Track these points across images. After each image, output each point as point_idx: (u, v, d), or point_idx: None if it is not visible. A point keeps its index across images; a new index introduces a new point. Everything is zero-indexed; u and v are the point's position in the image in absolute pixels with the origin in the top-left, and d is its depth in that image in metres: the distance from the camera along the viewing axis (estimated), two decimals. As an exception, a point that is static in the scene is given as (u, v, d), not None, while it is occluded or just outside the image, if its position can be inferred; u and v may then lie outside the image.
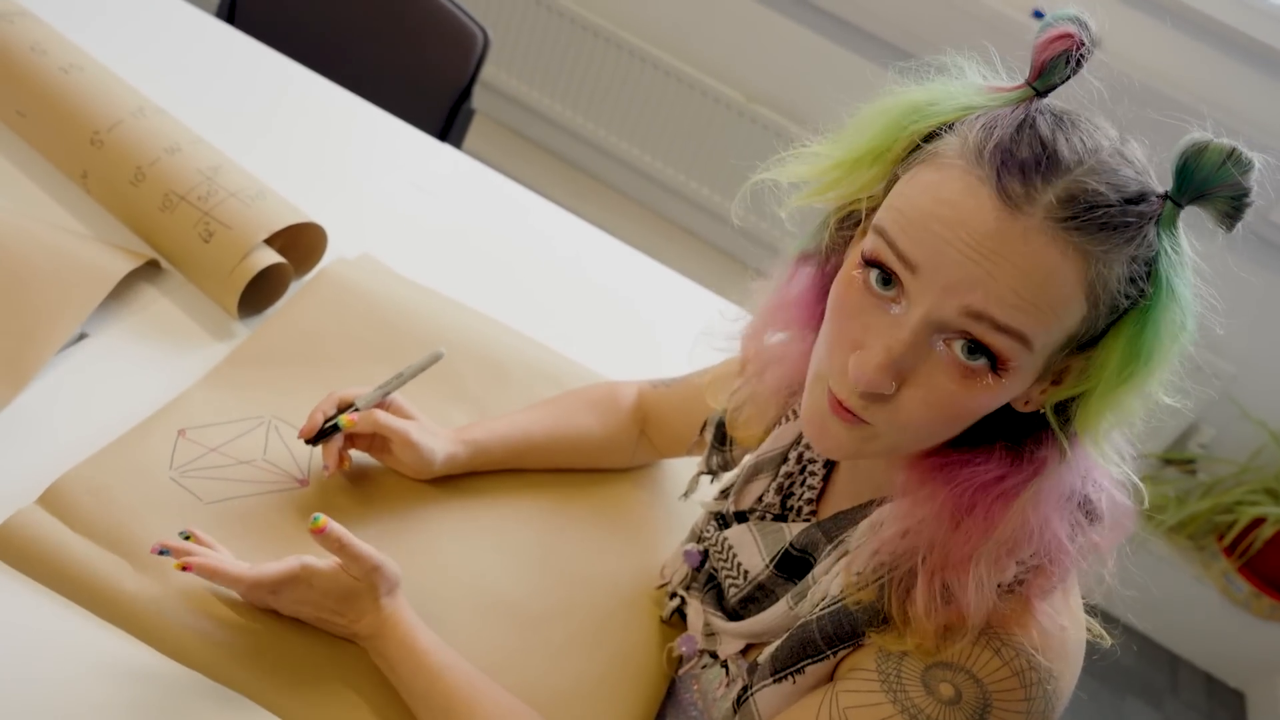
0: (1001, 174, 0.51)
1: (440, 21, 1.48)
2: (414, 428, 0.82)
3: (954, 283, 0.52)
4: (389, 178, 1.21)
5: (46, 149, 1.03)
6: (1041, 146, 0.51)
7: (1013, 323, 0.51)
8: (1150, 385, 0.54)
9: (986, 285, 0.51)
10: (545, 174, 2.51)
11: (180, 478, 0.79)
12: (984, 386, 0.53)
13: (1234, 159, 0.50)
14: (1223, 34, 1.78)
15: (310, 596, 0.70)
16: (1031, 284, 0.51)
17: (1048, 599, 0.58)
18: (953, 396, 0.54)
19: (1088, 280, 0.51)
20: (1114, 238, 0.51)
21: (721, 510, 0.79)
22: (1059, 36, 0.53)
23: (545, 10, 2.32)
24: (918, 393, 0.54)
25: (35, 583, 0.70)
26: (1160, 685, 2.09)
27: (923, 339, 0.54)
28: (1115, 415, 0.55)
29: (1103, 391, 0.54)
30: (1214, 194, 0.51)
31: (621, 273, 1.23)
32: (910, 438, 0.57)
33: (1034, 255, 0.50)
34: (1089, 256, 0.51)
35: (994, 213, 0.51)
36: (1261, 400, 1.96)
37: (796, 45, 2.15)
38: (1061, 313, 0.52)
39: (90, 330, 0.88)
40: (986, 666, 0.57)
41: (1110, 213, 0.51)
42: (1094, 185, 0.51)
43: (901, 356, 0.53)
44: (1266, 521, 1.93)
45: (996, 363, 0.53)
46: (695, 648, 0.77)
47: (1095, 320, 0.53)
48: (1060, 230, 0.50)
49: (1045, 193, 0.51)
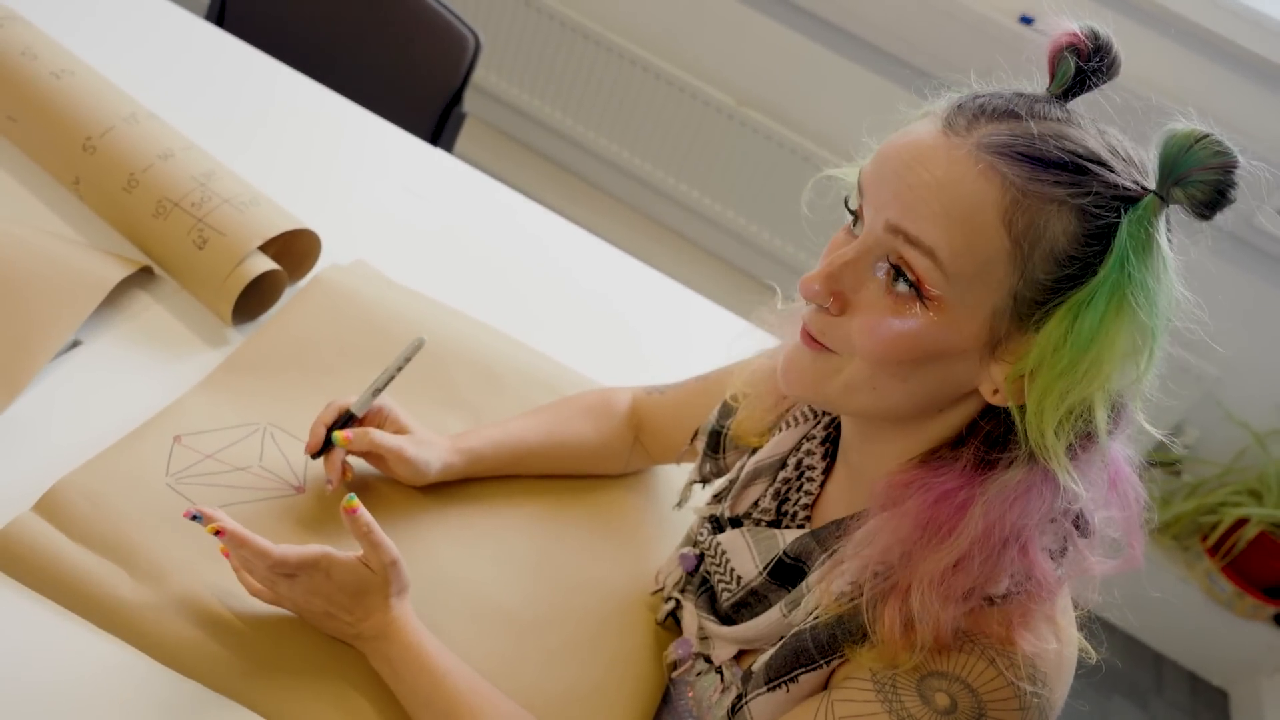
0: (954, 111, 0.56)
1: (431, 25, 1.48)
2: (408, 443, 0.83)
3: (883, 199, 0.56)
4: (381, 182, 1.21)
5: (38, 155, 1.02)
6: (1007, 103, 0.55)
7: (922, 236, 0.54)
8: (1101, 379, 0.54)
9: (904, 197, 0.55)
10: (537, 177, 2.51)
11: (176, 484, 0.79)
12: (914, 316, 0.56)
13: (1205, 142, 0.51)
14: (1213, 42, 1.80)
15: (325, 587, 0.70)
16: (944, 196, 0.53)
17: (1041, 610, 0.59)
18: (887, 323, 0.56)
19: (1004, 208, 0.53)
20: (1040, 174, 0.53)
21: (716, 514, 0.79)
22: (1061, 34, 0.57)
23: (537, 13, 2.32)
24: (860, 319, 0.57)
25: (31, 591, 0.70)
26: (1145, 685, 2.11)
27: (863, 260, 0.57)
28: (1060, 402, 0.54)
29: (1043, 370, 0.54)
30: (1189, 178, 0.52)
31: (613, 277, 1.24)
32: (864, 374, 0.58)
33: (952, 169, 0.54)
34: (1007, 183, 0.53)
35: (934, 136, 0.55)
36: (1244, 402, 1.98)
37: (787, 50, 2.15)
38: (974, 235, 0.53)
39: (84, 337, 0.88)
40: (981, 676, 0.57)
41: (1039, 149, 0.53)
42: (1034, 129, 0.54)
43: (840, 270, 0.58)
44: (1249, 522, 1.95)
45: (920, 290, 0.55)
46: (690, 651, 0.78)
47: (1027, 268, 0.53)
48: (983, 153, 0.53)
49: (985, 128, 0.54)
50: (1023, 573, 0.58)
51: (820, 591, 0.65)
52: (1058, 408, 0.54)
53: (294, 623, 0.73)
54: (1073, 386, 0.54)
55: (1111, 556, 0.61)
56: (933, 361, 0.57)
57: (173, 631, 0.70)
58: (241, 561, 0.71)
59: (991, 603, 0.59)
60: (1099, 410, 0.55)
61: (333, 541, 0.77)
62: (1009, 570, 0.58)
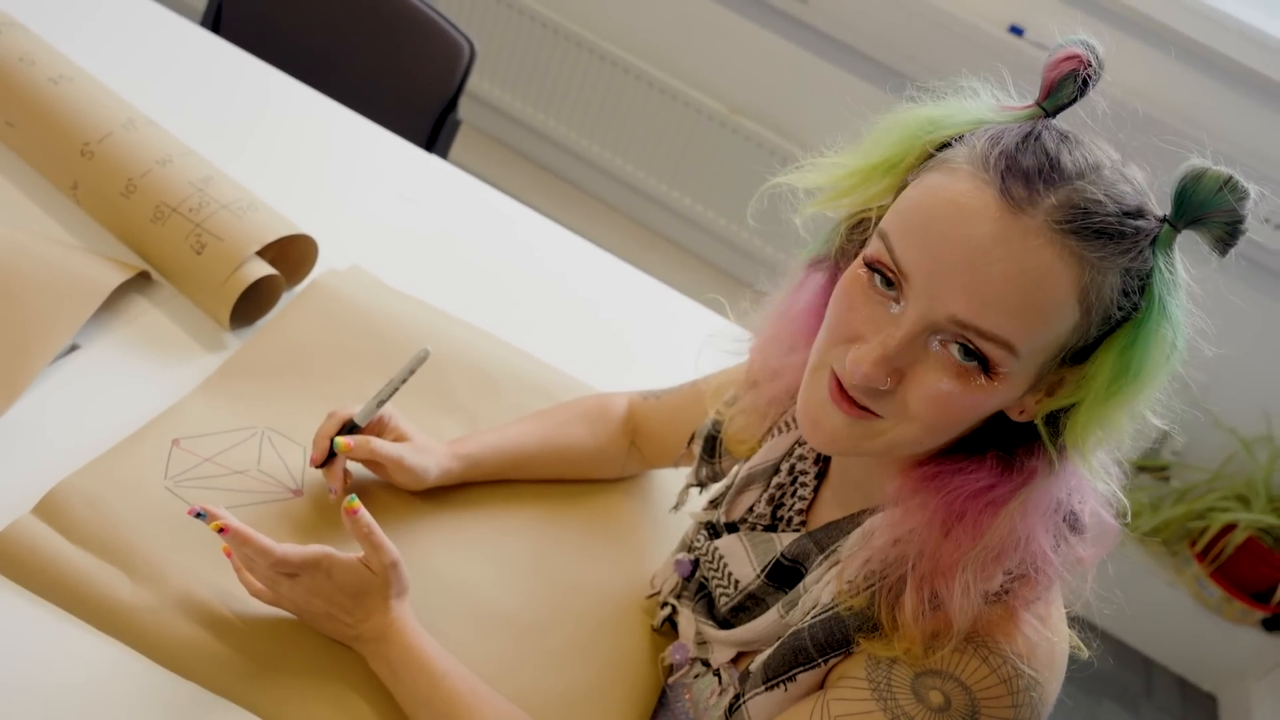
0: (1006, 177, 0.53)
1: (427, 33, 1.49)
2: (407, 450, 0.83)
3: (942, 291, 0.54)
4: (376, 189, 1.22)
5: (36, 160, 1.03)
6: (1046, 156, 0.54)
7: (999, 331, 0.53)
8: (1139, 402, 0.56)
9: (972, 292, 0.53)
10: (530, 184, 2.52)
11: (175, 487, 0.79)
12: (978, 386, 0.55)
13: (1230, 186, 0.52)
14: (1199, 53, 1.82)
15: (326, 588, 0.70)
16: (1022, 287, 0.52)
17: (1033, 608, 0.60)
18: (950, 393, 0.56)
19: (1081, 286, 0.53)
20: (1110, 246, 0.53)
21: (712, 520, 0.80)
22: (1067, 57, 0.56)
23: (531, 22, 2.33)
24: (918, 390, 0.56)
25: (31, 593, 0.71)
26: (1135, 689, 2.12)
27: (918, 339, 0.56)
28: (1103, 430, 0.57)
29: (1092, 404, 0.56)
30: (1209, 219, 0.53)
31: (607, 283, 1.25)
32: (912, 435, 0.58)
33: (1030, 256, 0.52)
34: (1084, 262, 0.53)
35: (996, 213, 0.53)
36: (1232, 409, 2.00)
37: (778, 58, 2.17)
38: (1052, 318, 0.53)
39: (82, 342, 0.89)
40: (975, 674, 0.58)
41: (1109, 221, 0.53)
42: (1095, 194, 0.53)
43: (897, 353, 0.56)
44: (1237, 527, 1.97)
45: (988, 365, 0.55)
46: (687, 656, 0.78)
47: (1087, 330, 0.55)
48: (1058, 234, 0.52)
49: (1047, 197, 0.53)
50: (1026, 563, 0.59)
51: (837, 584, 0.65)
52: (1101, 433, 0.57)
53: (293, 624, 0.74)
54: (1116, 411, 0.56)
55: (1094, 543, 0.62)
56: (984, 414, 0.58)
57: (172, 633, 0.71)
58: (243, 560, 0.71)
59: (985, 600, 0.60)
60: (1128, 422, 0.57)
61: (331, 545, 0.77)
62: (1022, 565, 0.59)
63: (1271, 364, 1.97)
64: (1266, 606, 2.02)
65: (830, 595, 0.65)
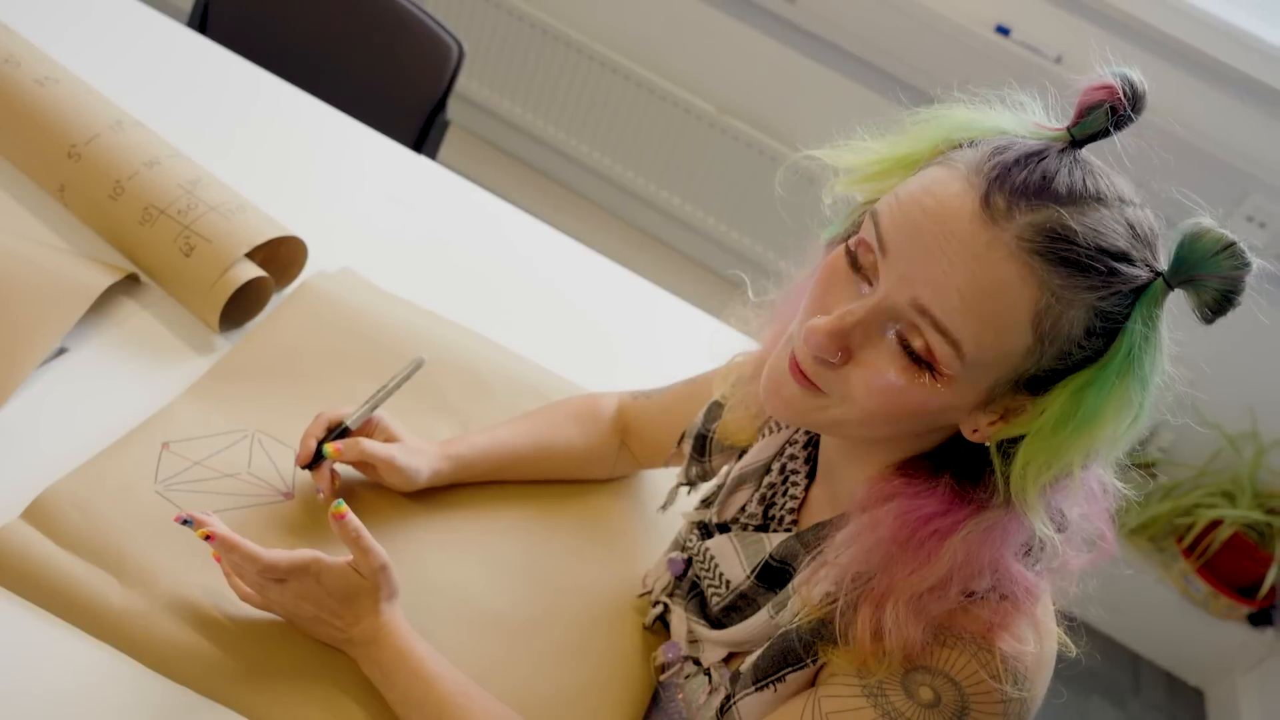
0: (992, 187, 0.54)
1: (415, 33, 1.49)
2: (399, 451, 0.83)
3: (912, 273, 0.55)
4: (365, 190, 1.21)
5: (22, 162, 1.02)
6: (1041, 176, 0.54)
7: (950, 326, 0.54)
8: (1089, 450, 0.55)
9: (938, 283, 0.54)
10: (519, 184, 2.52)
11: (165, 491, 0.79)
12: (921, 385, 0.56)
13: (1230, 252, 0.52)
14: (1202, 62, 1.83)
15: (315, 592, 0.70)
16: (979, 293, 0.53)
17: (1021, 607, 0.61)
18: (891, 385, 0.56)
19: (1037, 310, 0.53)
20: (1076, 279, 0.53)
21: (704, 520, 0.80)
22: (1100, 87, 0.55)
23: (519, 22, 2.33)
24: (863, 373, 0.57)
25: (20, 598, 0.70)
26: (1123, 685, 2.14)
27: (875, 321, 0.56)
28: (1047, 468, 0.56)
29: (1037, 437, 0.56)
30: (1204, 280, 0.53)
31: (596, 283, 1.25)
32: (854, 417, 0.59)
33: (992, 266, 0.53)
34: (1044, 287, 0.52)
35: (971, 218, 0.53)
36: (1217, 405, 2.01)
37: (767, 58, 2.18)
38: (1003, 334, 0.53)
39: (70, 345, 0.88)
40: (964, 670, 0.59)
41: (1078, 252, 0.52)
42: (1073, 224, 0.53)
43: (851, 328, 0.57)
44: (1223, 524, 1.99)
45: (934, 367, 0.55)
46: (679, 654, 0.78)
47: (1040, 358, 0.54)
48: (1024, 253, 0.52)
49: (1025, 215, 0.53)
50: (1000, 578, 0.60)
51: (803, 594, 0.66)
52: (1044, 472, 0.56)
53: (283, 627, 0.74)
54: (1062, 454, 0.55)
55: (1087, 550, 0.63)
56: (928, 417, 0.59)
57: (162, 637, 0.70)
58: (232, 566, 0.71)
59: (972, 598, 0.60)
60: (1079, 468, 0.56)
61: (322, 547, 0.77)
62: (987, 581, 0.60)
63: (1256, 361, 1.99)
64: (1252, 601, 2.03)
65: (818, 597, 0.65)
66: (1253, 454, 2.00)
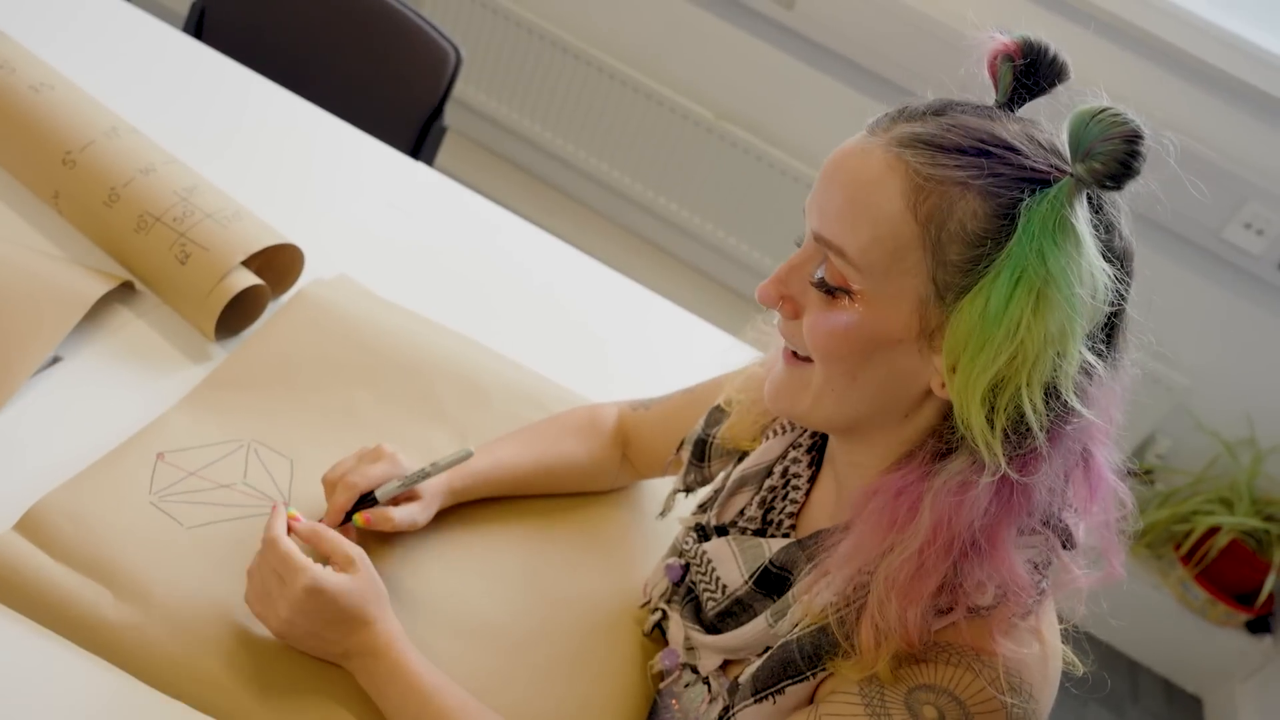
0: (883, 116, 0.59)
1: (413, 39, 1.48)
2: (419, 511, 0.80)
3: (813, 210, 0.61)
4: (362, 196, 1.21)
5: (16, 169, 1.01)
6: (930, 108, 0.59)
7: (834, 238, 0.58)
8: (1017, 358, 0.53)
9: (823, 205, 0.59)
10: (517, 191, 2.51)
11: (160, 502, 0.78)
12: (843, 307, 0.59)
13: (1104, 114, 0.53)
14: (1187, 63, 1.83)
15: (311, 605, 0.69)
16: (852, 196, 0.57)
17: (1025, 621, 0.60)
18: (822, 317, 0.60)
19: (909, 193, 0.56)
20: (941, 159, 0.56)
21: (701, 523, 0.80)
22: (993, 46, 0.60)
23: (517, 27, 2.32)
24: (805, 320, 0.61)
25: (12, 611, 0.69)
26: (1121, 692, 2.13)
27: (805, 267, 0.61)
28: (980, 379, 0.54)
29: (967, 355, 0.55)
30: (1093, 151, 0.53)
31: (594, 290, 1.24)
32: (821, 375, 0.61)
33: (863, 167, 0.58)
34: (911, 170, 0.56)
35: (854, 141, 0.59)
36: (1215, 412, 2.02)
37: (764, 65, 2.17)
38: (880, 223, 0.56)
39: (64, 354, 0.87)
40: (969, 688, 0.58)
41: (949, 139, 0.56)
42: (946, 120, 0.57)
43: (786, 276, 0.62)
44: (1221, 530, 1.98)
45: (845, 288, 0.59)
46: (677, 661, 0.78)
47: (939, 250, 0.55)
48: (892, 148, 0.57)
49: (901, 127, 0.58)
50: (1001, 578, 0.58)
51: (805, 604, 0.65)
52: (979, 384, 0.55)
53: (278, 644, 0.73)
54: (989, 366, 0.54)
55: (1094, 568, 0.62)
56: (875, 354, 0.59)
57: (156, 651, 0.70)
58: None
59: (976, 614, 0.59)
60: (1026, 393, 0.54)
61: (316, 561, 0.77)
62: (985, 576, 0.58)
63: (1254, 367, 1.99)
64: (1250, 609, 2.03)
65: (819, 608, 0.65)
66: (1250, 461, 2.00)
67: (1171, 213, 1.91)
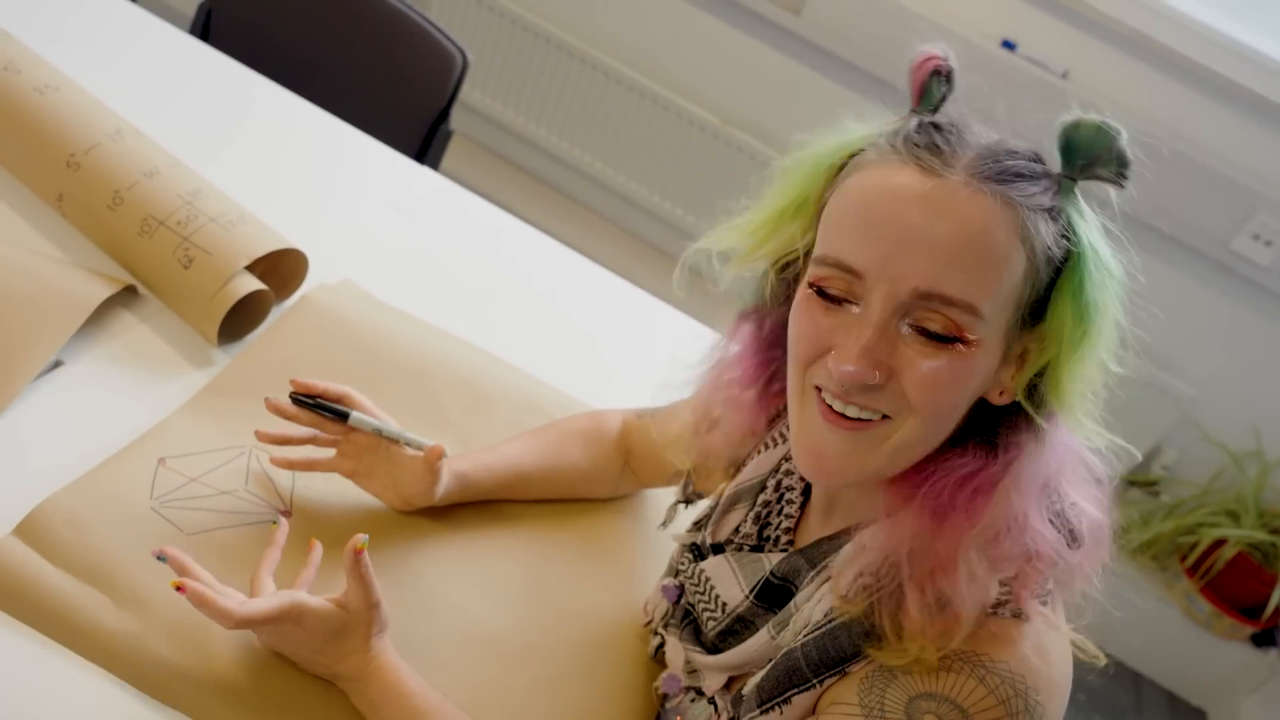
0: (917, 150, 0.58)
1: (419, 42, 1.48)
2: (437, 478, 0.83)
3: (898, 268, 0.56)
4: (367, 200, 1.20)
5: (20, 171, 1.01)
6: (945, 129, 0.59)
7: (958, 293, 0.55)
8: (1103, 342, 0.58)
9: (927, 261, 0.55)
10: (523, 195, 2.51)
11: (161, 508, 0.78)
12: (959, 354, 0.57)
13: (1106, 127, 0.56)
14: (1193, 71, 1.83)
15: (297, 634, 0.69)
16: (970, 241, 0.55)
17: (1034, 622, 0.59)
18: (939, 369, 0.57)
19: (1020, 227, 0.56)
20: (1030, 185, 0.57)
21: (696, 541, 0.79)
22: (926, 59, 0.61)
23: (524, 31, 2.32)
24: (908, 376, 0.58)
25: (10, 617, 0.69)
26: (1125, 704, 2.12)
27: (889, 325, 0.58)
28: (1081, 379, 0.58)
29: (1065, 356, 0.58)
30: (1100, 161, 0.57)
31: (600, 296, 1.24)
32: (918, 429, 0.59)
33: (965, 210, 0.55)
34: (1014, 205, 0.56)
35: (919, 182, 0.56)
36: (1221, 423, 2.00)
37: (771, 70, 2.17)
38: (1003, 267, 0.56)
39: (66, 358, 0.87)
40: (972, 695, 0.57)
41: (1021, 164, 0.57)
42: (1000, 145, 0.58)
43: (875, 343, 0.57)
44: (1227, 543, 1.97)
45: (960, 337, 0.57)
46: (679, 686, 0.77)
47: (1036, 275, 0.57)
48: (983, 182, 0.56)
49: (960, 156, 0.57)
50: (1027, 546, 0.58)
51: (832, 597, 0.63)
52: (1080, 379, 0.58)
53: (277, 654, 0.72)
54: (1087, 357, 0.58)
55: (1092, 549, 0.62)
56: (972, 388, 0.59)
57: (155, 660, 0.69)
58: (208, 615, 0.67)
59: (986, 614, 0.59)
60: (1109, 364, 0.59)
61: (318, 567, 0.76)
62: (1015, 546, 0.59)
63: (1261, 379, 1.98)
64: (1256, 622, 2.02)
65: (823, 613, 0.64)
66: (1257, 473, 1.99)
67: (1180, 223, 1.91)
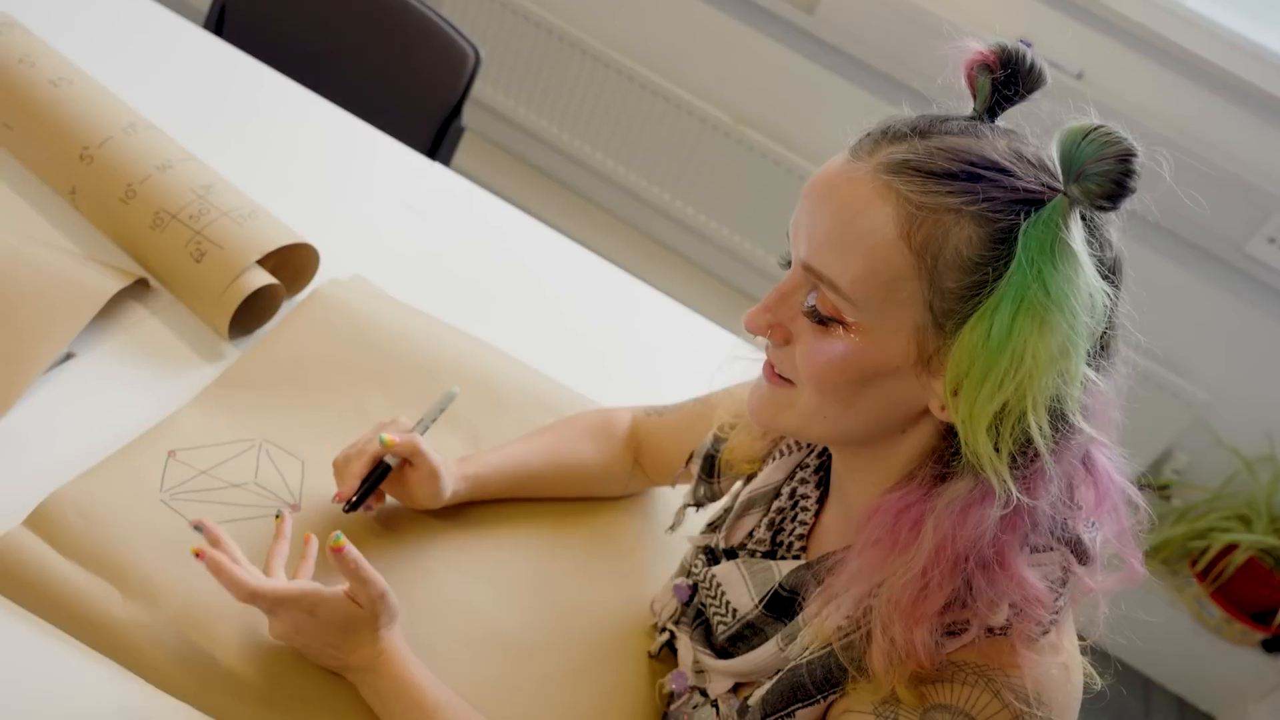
0: (864, 138, 0.58)
1: (432, 39, 1.48)
2: (438, 461, 0.81)
3: (798, 239, 0.59)
4: (379, 196, 1.20)
5: (34, 164, 1.01)
6: (913, 127, 0.57)
7: (825, 270, 0.56)
8: (1023, 384, 0.52)
9: (811, 236, 0.57)
10: (534, 193, 2.51)
11: (171, 500, 0.78)
12: (838, 336, 0.57)
13: (1096, 133, 0.52)
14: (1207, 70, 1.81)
15: (309, 625, 0.69)
16: (840, 222, 0.56)
17: (1045, 638, 0.59)
18: (816, 347, 0.58)
19: (902, 223, 0.54)
20: (932, 185, 0.54)
21: (710, 544, 0.78)
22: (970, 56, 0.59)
23: (536, 28, 2.32)
24: (799, 347, 0.60)
25: (20, 608, 0.69)
26: (1134, 709, 2.11)
27: (793, 295, 0.59)
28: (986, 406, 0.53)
29: (970, 380, 0.54)
30: (1086, 172, 0.52)
31: (611, 294, 1.23)
32: (811, 400, 0.60)
33: (851, 193, 0.55)
34: (902, 199, 0.54)
35: (839, 165, 0.57)
36: (1234, 428, 1.99)
37: (784, 69, 2.16)
38: (873, 254, 0.54)
39: (77, 350, 0.87)
40: (986, 709, 0.57)
41: (934, 165, 0.54)
42: (932, 144, 0.55)
43: (774, 304, 0.60)
44: (1239, 548, 1.96)
45: (838, 319, 0.57)
46: (685, 684, 0.76)
47: (935, 280, 0.54)
48: (880, 174, 0.55)
49: (886, 150, 0.56)
50: (1017, 595, 0.57)
51: (815, 627, 0.64)
52: (984, 413, 0.54)
53: (286, 646, 0.72)
54: (995, 394, 0.53)
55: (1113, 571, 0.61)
56: (871, 382, 0.58)
57: (164, 652, 0.69)
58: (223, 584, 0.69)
59: (992, 633, 0.58)
60: (1032, 418, 0.53)
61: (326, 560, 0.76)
62: (998, 595, 0.57)
63: (1274, 384, 1.96)
64: (1267, 628, 2.00)
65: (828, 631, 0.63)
66: (1270, 478, 1.97)
67: (1194, 226, 1.89)
